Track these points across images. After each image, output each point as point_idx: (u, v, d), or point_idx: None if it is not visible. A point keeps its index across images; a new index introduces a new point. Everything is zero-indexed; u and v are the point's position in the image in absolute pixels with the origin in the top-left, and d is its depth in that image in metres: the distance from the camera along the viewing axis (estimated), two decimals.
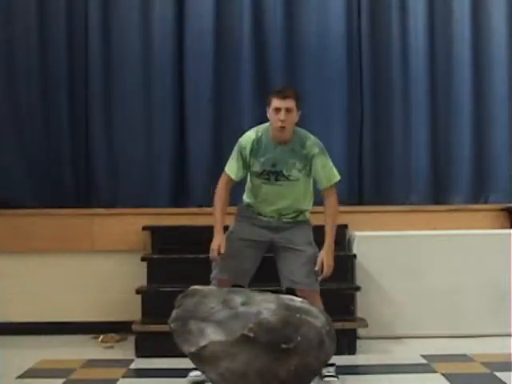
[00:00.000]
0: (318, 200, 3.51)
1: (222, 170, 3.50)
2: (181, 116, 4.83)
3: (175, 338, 3.04)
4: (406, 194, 4.84)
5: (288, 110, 3.30)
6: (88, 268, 4.52)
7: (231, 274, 3.34)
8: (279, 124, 3.29)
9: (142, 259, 4.21)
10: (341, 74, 4.84)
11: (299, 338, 2.88)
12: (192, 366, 3.24)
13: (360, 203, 4.83)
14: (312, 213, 3.54)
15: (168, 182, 4.77)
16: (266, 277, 3.48)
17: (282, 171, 3.34)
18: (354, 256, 4.27)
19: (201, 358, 2.94)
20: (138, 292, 4.05)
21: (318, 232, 3.41)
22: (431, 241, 4.38)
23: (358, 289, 4.14)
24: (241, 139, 3.42)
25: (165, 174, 4.78)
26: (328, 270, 3.29)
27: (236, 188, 3.54)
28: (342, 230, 4.39)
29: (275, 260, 3.44)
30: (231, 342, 2.90)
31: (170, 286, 4.04)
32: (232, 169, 3.41)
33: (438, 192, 4.87)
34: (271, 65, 4.85)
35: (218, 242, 3.28)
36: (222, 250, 3.27)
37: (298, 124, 3.46)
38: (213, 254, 3.30)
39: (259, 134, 3.39)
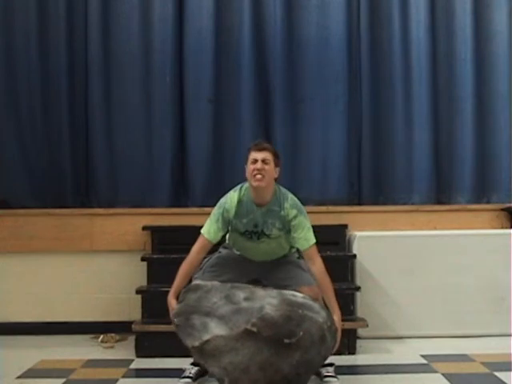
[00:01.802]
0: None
1: (222, 169, 3.50)
2: (181, 116, 4.83)
3: (178, 333, 3.05)
4: (408, 194, 4.83)
5: (265, 162, 3.23)
6: (88, 268, 4.52)
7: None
8: (255, 174, 3.21)
9: (142, 259, 4.21)
10: (341, 74, 4.83)
11: (301, 334, 2.90)
12: (186, 368, 3.26)
13: (360, 203, 4.83)
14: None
15: (168, 182, 4.77)
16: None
17: (263, 230, 3.33)
18: (354, 256, 4.27)
19: (204, 352, 2.95)
20: (137, 292, 4.05)
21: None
22: (431, 241, 4.38)
23: (358, 289, 4.14)
24: (224, 202, 3.33)
25: (165, 174, 4.78)
26: (337, 345, 3.15)
27: None
28: (341, 230, 4.40)
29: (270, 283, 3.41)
30: (234, 336, 2.92)
31: (169, 286, 4.02)
32: (210, 232, 3.32)
33: (440, 192, 4.86)
34: (271, 65, 4.84)
35: (171, 308, 3.18)
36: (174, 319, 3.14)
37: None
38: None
39: (241, 195, 3.33)
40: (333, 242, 4.30)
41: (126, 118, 4.81)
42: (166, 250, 4.31)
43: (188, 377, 3.25)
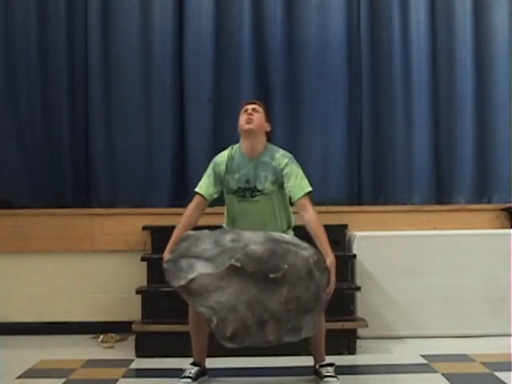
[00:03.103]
0: None
1: None
2: (181, 116, 4.83)
3: (166, 277, 3.09)
4: (408, 194, 4.83)
5: (255, 110, 3.38)
6: (88, 268, 4.53)
7: None
8: (246, 118, 3.34)
9: (142, 259, 4.21)
10: (341, 74, 4.83)
11: (286, 267, 2.92)
12: (186, 368, 3.26)
13: (360, 203, 4.83)
14: None
15: (168, 182, 4.77)
16: None
17: (256, 186, 3.33)
18: (354, 256, 4.27)
19: (190, 292, 2.97)
20: (137, 292, 4.05)
21: None
22: (431, 241, 4.38)
23: (358, 289, 4.14)
24: (216, 157, 3.44)
25: (165, 174, 4.78)
26: (332, 288, 3.15)
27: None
28: (341, 230, 4.40)
29: None
30: (219, 274, 2.95)
31: (169, 286, 4.03)
32: (202, 186, 3.39)
33: (440, 192, 4.86)
34: (271, 65, 4.85)
35: (165, 254, 3.21)
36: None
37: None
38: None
39: (233, 151, 3.42)
40: (333, 241, 4.27)
41: (126, 118, 4.81)
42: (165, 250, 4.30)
43: (188, 377, 3.24)
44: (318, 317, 3.11)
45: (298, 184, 3.29)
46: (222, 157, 3.42)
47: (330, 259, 3.14)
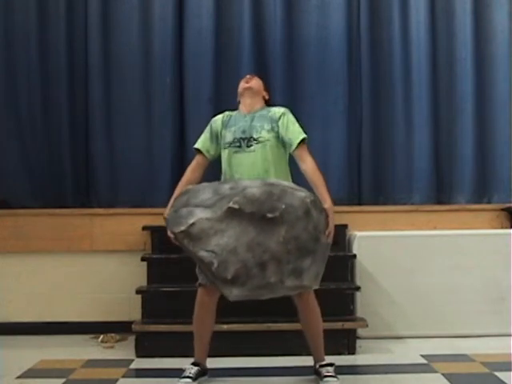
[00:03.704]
0: None
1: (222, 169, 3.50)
2: (181, 116, 4.83)
3: (167, 226, 3.11)
4: (408, 194, 4.83)
5: (253, 76, 3.63)
6: (88, 268, 4.53)
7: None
8: (245, 82, 3.56)
9: (142, 259, 4.21)
10: (341, 75, 4.83)
11: (283, 207, 2.96)
12: (186, 368, 3.27)
13: (360, 203, 4.83)
14: None
15: (168, 182, 4.76)
16: None
17: (251, 136, 3.39)
18: (354, 256, 4.27)
19: (190, 236, 2.99)
20: (137, 292, 4.04)
21: None
22: (431, 241, 4.38)
23: (358, 289, 4.14)
24: (213, 118, 3.61)
25: (165, 174, 4.78)
26: (331, 231, 3.21)
27: None
28: (341, 230, 4.40)
29: None
30: (218, 217, 2.99)
31: (169, 286, 4.04)
32: (199, 142, 3.56)
33: (440, 192, 4.86)
34: (271, 65, 4.84)
35: (166, 211, 3.26)
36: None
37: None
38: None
39: (230, 112, 3.58)
40: (333, 241, 4.28)
41: (126, 118, 4.81)
42: (165, 249, 4.29)
43: (188, 377, 3.24)
44: (321, 266, 3.12)
45: (295, 130, 3.41)
46: (219, 116, 3.59)
47: (327, 204, 3.19)
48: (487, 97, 4.88)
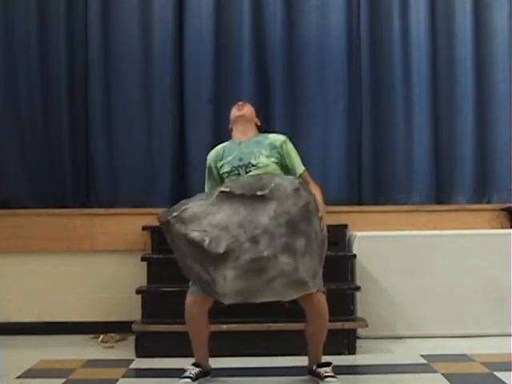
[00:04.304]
0: None
1: None
2: (181, 116, 4.83)
3: (161, 218, 3.13)
4: (408, 194, 4.83)
5: (245, 103, 3.60)
6: (88, 268, 4.53)
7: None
8: (237, 110, 3.54)
9: (142, 259, 4.21)
10: (341, 74, 4.83)
11: (273, 185, 3.02)
12: (187, 368, 3.26)
13: (360, 203, 4.83)
14: None
15: (168, 182, 4.77)
16: None
17: (250, 162, 3.37)
18: (354, 256, 4.27)
19: (183, 220, 3.02)
20: (137, 292, 4.04)
21: None
22: (431, 241, 4.38)
23: (357, 289, 4.14)
24: (209, 154, 3.59)
25: (165, 174, 4.78)
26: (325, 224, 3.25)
27: None
28: (341, 230, 4.40)
29: None
30: (210, 202, 3.06)
31: (170, 286, 4.04)
32: (206, 186, 3.56)
33: (440, 192, 4.86)
34: (271, 65, 4.85)
35: None
36: None
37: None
38: None
39: (224, 145, 3.56)
40: (333, 241, 4.28)
41: (126, 118, 4.81)
42: (165, 250, 4.27)
43: (188, 377, 3.24)
44: (317, 264, 3.08)
45: (294, 160, 3.45)
46: (213, 150, 3.58)
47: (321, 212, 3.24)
48: (487, 97, 4.88)
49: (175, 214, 3.06)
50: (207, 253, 2.94)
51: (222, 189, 3.08)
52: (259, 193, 3.00)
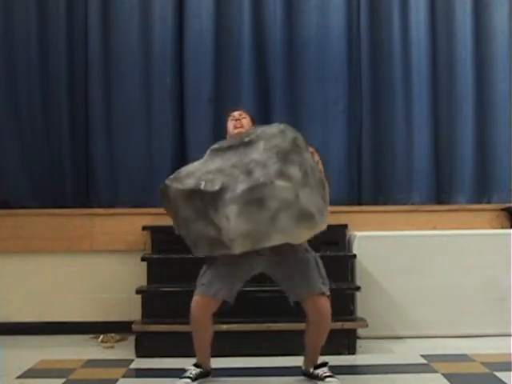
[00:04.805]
0: None
1: None
2: (181, 116, 4.83)
3: (160, 191, 3.20)
4: (408, 194, 4.83)
5: (241, 115, 3.61)
6: (88, 268, 4.53)
7: (220, 294, 3.17)
8: (234, 125, 3.57)
9: (142, 259, 4.21)
10: (341, 74, 4.83)
11: (259, 131, 3.10)
12: (188, 369, 3.27)
13: (360, 203, 4.83)
14: None
15: None
16: (265, 277, 3.47)
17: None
18: (354, 256, 4.27)
19: (179, 179, 3.09)
20: (137, 292, 4.04)
21: None
22: (431, 241, 4.38)
23: (358, 289, 4.14)
24: None
25: (165, 174, 4.72)
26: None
27: None
28: (341, 230, 4.40)
29: (276, 280, 3.27)
30: (203, 161, 3.14)
31: (170, 286, 4.04)
32: None
33: (440, 192, 4.86)
34: (271, 65, 4.85)
35: None
36: None
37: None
38: None
39: None
40: (333, 241, 4.30)
41: (126, 118, 4.81)
42: (165, 249, 4.31)
43: (188, 377, 3.24)
44: (318, 199, 3.01)
45: None
46: None
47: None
48: (487, 97, 4.88)
49: (171, 177, 3.14)
50: (205, 196, 2.97)
51: (212, 147, 3.17)
52: (246, 139, 3.09)
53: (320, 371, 3.27)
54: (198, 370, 3.29)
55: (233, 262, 3.11)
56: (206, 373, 3.32)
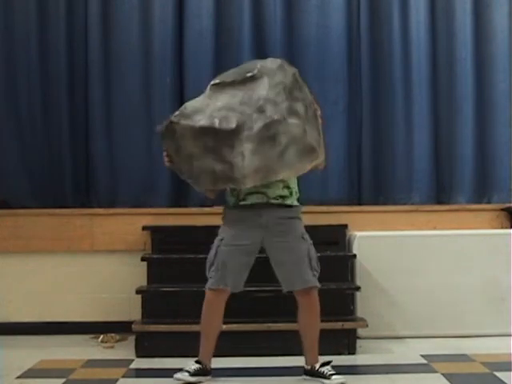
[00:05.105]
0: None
1: None
2: None
3: (162, 124, 3.23)
4: (408, 194, 4.83)
5: None
6: (88, 268, 4.53)
7: (227, 284, 3.25)
8: None
9: (142, 259, 4.21)
10: (341, 74, 4.83)
11: (259, 66, 3.16)
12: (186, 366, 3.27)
13: (360, 203, 4.83)
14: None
15: (168, 182, 4.76)
16: (265, 277, 3.47)
17: None
18: (354, 256, 4.27)
19: (186, 115, 3.12)
20: (137, 292, 4.05)
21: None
22: (431, 241, 4.38)
23: (357, 289, 4.14)
24: None
25: (165, 174, 4.76)
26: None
27: None
28: (341, 230, 4.40)
29: (270, 261, 3.35)
30: (206, 96, 3.16)
31: (170, 286, 4.04)
32: None
33: (440, 192, 4.86)
34: None
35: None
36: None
37: None
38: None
39: None
40: (333, 241, 4.30)
41: (126, 118, 4.81)
42: (165, 249, 4.31)
43: (186, 371, 3.26)
44: (317, 134, 3.26)
45: None
46: None
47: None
48: (487, 97, 4.88)
49: (176, 113, 3.14)
50: (220, 133, 3.04)
51: (213, 82, 3.17)
52: (249, 74, 3.12)
53: (325, 369, 3.29)
54: (197, 365, 3.30)
55: (236, 239, 3.24)
56: (206, 371, 3.32)
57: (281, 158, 3.06)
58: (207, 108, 3.10)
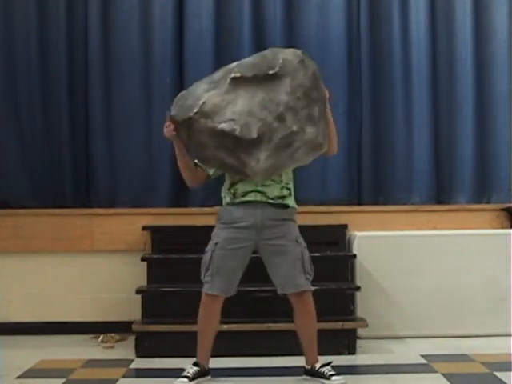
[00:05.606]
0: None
1: None
2: None
3: (179, 115, 3.14)
4: (408, 194, 4.83)
5: None
6: (88, 268, 4.53)
7: (223, 290, 3.26)
8: None
9: (142, 259, 4.21)
10: (341, 75, 4.83)
11: (281, 61, 3.10)
12: (186, 368, 3.27)
13: (360, 203, 4.83)
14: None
15: (168, 182, 4.77)
16: (265, 277, 3.47)
17: None
18: (354, 256, 4.27)
19: (206, 114, 3.07)
20: (137, 292, 4.05)
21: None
22: (431, 241, 4.38)
23: (357, 289, 4.14)
24: None
25: (165, 174, 4.77)
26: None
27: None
28: (341, 229, 4.40)
29: (264, 263, 3.34)
30: (225, 90, 3.10)
31: (170, 286, 4.04)
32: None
33: (440, 192, 4.86)
34: None
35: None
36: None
37: None
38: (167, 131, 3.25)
39: None
40: (333, 241, 4.30)
41: (126, 119, 4.81)
42: (165, 249, 4.31)
43: (185, 376, 3.25)
44: (325, 126, 3.21)
45: None
46: None
47: None
48: (487, 97, 4.87)
49: (195, 110, 3.09)
50: (241, 141, 3.04)
51: (233, 75, 3.11)
52: (270, 72, 3.09)
53: (325, 369, 3.29)
54: (196, 368, 3.29)
55: (231, 243, 3.24)
56: (204, 372, 3.32)
57: (291, 157, 3.15)
58: (227, 108, 3.07)
